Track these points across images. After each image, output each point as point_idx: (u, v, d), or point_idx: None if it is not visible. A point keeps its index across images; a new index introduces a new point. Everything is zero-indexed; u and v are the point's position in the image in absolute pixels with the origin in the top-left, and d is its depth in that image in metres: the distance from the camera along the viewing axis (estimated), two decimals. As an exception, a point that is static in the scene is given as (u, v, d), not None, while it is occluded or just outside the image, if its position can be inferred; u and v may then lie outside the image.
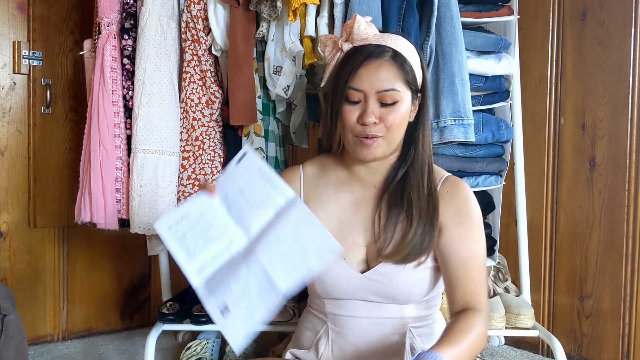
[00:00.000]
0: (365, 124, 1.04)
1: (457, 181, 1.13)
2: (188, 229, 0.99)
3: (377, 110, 1.04)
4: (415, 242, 1.05)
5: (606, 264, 1.75)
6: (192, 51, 1.59)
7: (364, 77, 1.05)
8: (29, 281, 1.92)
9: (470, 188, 1.13)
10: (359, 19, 1.12)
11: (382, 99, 1.05)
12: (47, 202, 1.92)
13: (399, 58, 1.06)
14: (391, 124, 1.04)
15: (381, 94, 1.04)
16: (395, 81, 1.05)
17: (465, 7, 1.59)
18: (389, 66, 1.05)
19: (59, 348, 1.93)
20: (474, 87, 1.54)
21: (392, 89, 1.04)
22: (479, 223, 1.10)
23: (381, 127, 1.05)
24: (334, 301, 1.11)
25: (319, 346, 1.12)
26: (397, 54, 1.06)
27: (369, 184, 1.14)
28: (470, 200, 1.11)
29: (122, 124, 1.59)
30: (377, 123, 1.04)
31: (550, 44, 1.88)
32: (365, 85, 1.05)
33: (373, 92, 1.04)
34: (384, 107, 1.05)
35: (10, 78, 1.87)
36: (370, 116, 1.04)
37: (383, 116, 1.04)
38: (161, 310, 1.70)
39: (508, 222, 1.88)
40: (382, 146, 1.06)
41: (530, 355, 1.88)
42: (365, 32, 1.12)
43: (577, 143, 1.83)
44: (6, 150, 1.87)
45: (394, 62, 1.06)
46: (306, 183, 1.17)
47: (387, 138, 1.06)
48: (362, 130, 1.05)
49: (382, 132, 1.05)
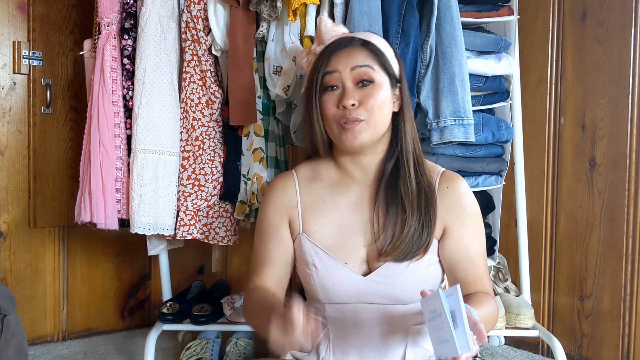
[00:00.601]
0: (345, 106, 1.04)
1: (454, 176, 1.14)
2: None
3: (356, 93, 1.05)
4: (412, 235, 1.05)
5: (606, 264, 1.75)
6: (192, 51, 1.59)
7: (337, 61, 1.07)
8: (29, 281, 1.92)
9: (466, 182, 1.14)
10: (324, 18, 1.15)
11: (358, 77, 1.06)
12: (47, 202, 1.92)
13: (370, 45, 1.09)
14: (372, 105, 1.05)
15: (355, 70, 1.06)
16: (369, 61, 1.07)
17: (465, 7, 1.59)
18: (361, 49, 1.08)
19: (58, 348, 1.93)
20: (474, 87, 1.54)
21: (366, 64, 1.06)
22: (479, 218, 1.12)
23: (362, 109, 1.05)
24: (335, 305, 1.10)
25: (319, 350, 1.12)
26: (367, 42, 1.09)
27: (364, 184, 1.13)
28: (470, 196, 1.12)
29: (122, 124, 1.59)
30: (356, 105, 1.05)
31: (550, 44, 1.88)
32: (340, 66, 1.06)
33: (347, 70, 1.06)
34: (361, 88, 1.06)
35: (10, 78, 1.87)
36: (349, 98, 1.04)
37: (362, 99, 1.05)
38: (161, 310, 1.70)
39: (508, 222, 1.88)
40: (366, 130, 1.05)
41: (530, 355, 1.88)
42: (334, 29, 1.17)
43: (577, 143, 1.83)
44: (6, 150, 1.87)
45: (365, 47, 1.08)
46: (302, 189, 1.15)
47: (370, 122, 1.05)
48: (342, 114, 1.05)
49: (363, 115, 1.05)
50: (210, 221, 1.64)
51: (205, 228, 1.64)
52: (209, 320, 1.67)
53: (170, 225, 1.58)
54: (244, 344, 1.74)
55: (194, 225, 1.60)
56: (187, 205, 1.59)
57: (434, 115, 1.46)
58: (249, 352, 1.74)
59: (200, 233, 1.62)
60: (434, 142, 1.47)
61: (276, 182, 1.18)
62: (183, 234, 1.59)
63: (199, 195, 1.60)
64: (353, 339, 1.10)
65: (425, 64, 1.46)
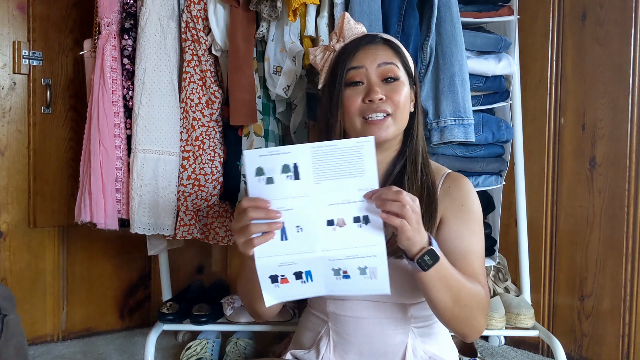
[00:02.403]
0: (373, 100, 1.05)
1: (458, 176, 1.14)
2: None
3: (382, 88, 1.07)
4: None
5: (606, 264, 1.75)
6: (192, 51, 1.59)
7: (363, 57, 1.08)
8: (29, 281, 1.92)
9: (471, 183, 1.14)
10: (347, 15, 1.16)
11: (384, 74, 1.07)
12: (47, 202, 1.92)
13: (392, 43, 1.12)
14: (398, 100, 1.06)
15: (382, 67, 1.07)
16: (393, 59, 1.09)
17: (465, 7, 1.59)
18: (385, 47, 1.10)
19: (58, 348, 1.93)
20: (474, 87, 1.54)
21: (392, 62, 1.08)
22: (478, 218, 1.11)
23: (389, 103, 1.06)
24: (336, 301, 1.11)
25: (319, 346, 1.12)
26: (389, 41, 1.12)
27: None
28: (472, 195, 1.12)
29: (122, 124, 1.59)
30: (383, 99, 1.06)
31: (550, 44, 1.88)
32: (366, 62, 1.08)
33: (374, 66, 1.07)
34: (387, 84, 1.07)
35: (10, 78, 1.87)
36: (377, 92, 1.05)
37: (388, 94, 1.06)
38: (161, 310, 1.70)
39: (508, 222, 1.88)
40: (392, 125, 1.07)
41: (530, 355, 1.88)
42: (355, 27, 1.18)
43: (577, 143, 1.83)
44: (6, 150, 1.87)
45: (388, 45, 1.11)
46: None
47: (397, 117, 1.07)
48: (368, 107, 1.06)
49: (391, 108, 1.06)
50: (210, 221, 1.64)
51: (205, 228, 1.64)
52: (209, 320, 1.67)
53: (170, 225, 1.58)
54: (244, 344, 1.74)
55: (194, 225, 1.60)
56: (187, 205, 1.59)
57: (434, 115, 1.46)
58: (249, 352, 1.74)
59: (200, 233, 1.63)
60: (434, 142, 1.47)
61: None
62: (183, 234, 1.59)
63: (199, 195, 1.60)
64: (353, 337, 1.10)
65: (426, 64, 1.46)
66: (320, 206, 0.90)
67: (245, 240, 0.90)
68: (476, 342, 1.94)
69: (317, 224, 0.91)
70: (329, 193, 0.90)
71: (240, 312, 1.68)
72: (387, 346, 1.09)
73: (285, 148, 0.89)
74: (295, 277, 0.93)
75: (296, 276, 0.93)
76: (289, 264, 0.92)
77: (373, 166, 0.89)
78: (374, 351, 1.09)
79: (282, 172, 0.89)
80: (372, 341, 1.09)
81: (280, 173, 0.89)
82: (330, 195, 0.90)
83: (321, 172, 0.89)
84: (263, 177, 0.89)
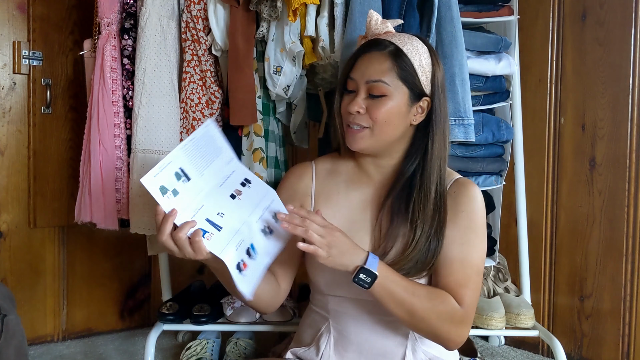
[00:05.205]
0: (349, 112, 1.08)
1: (465, 183, 1.12)
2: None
3: (365, 101, 1.07)
4: (415, 257, 1.04)
5: (606, 264, 1.75)
6: (192, 51, 1.59)
7: (357, 67, 1.09)
8: (29, 281, 1.92)
9: (479, 192, 1.11)
10: (372, 13, 1.16)
11: (370, 90, 1.07)
12: (47, 202, 1.92)
13: (398, 53, 1.07)
14: (376, 116, 1.06)
15: (369, 84, 1.07)
16: (385, 74, 1.06)
17: (466, 7, 1.59)
18: (382, 59, 1.07)
19: (58, 348, 1.93)
20: (474, 87, 1.54)
21: (380, 80, 1.06)
22: (477, 227, 1.08)
23: (366, 117, 1.07)
24: (337, 298, 1.11)
25: (320, 343, 1.12)
26: (397, 50, 1.07)
27: (379, 183, 1.14)
28: (474, 203, 1.09)
29: (122, 124, 1.59)
30: (361, 113, 1.07)
31: (550, 44, 1.88)
32: (357, 75, 1.09)
33: (363, 81, 1.08)
34: (372, 98, 1.07)
35: (10, 78, 1.87)
36: (354, 106, 1.07)
37: (370, 108, 1.07)
38: (161, 310, 1.70)
39: (508, 222, 1.88)
40: (368, 138, 1.08)
41: (530, 355, 1.88)
42: (377, 27, 1.16)
43: (577, 143, 1.83)
44: (6, 150, 1.87)
45: (390, 56, 1.07)
46: (318, 180, 1.18)
47: (375, 131, 1.07)
48: (348, 116, 1.09)
49: (367, 122, 1.07)
50: (210, 221, 1.63)
51: (205, 228, 1.64)
52: (209, 320, 1.67)
53: (170, 225, 1.58)
54: (244, 344, 1.74)
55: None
56: (187, 205, 1.59)
57: (434, 115, 1.45)
58: (249, 352, 1.74)
59: (200, 233, 1.62)
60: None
61: (293, 169, 1.22)
62: (183, 234, 1.58)
63: (199, 195, 1.60)
64: (354, 335, 1.10)
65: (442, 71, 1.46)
66: (217, 190, 1.00)
67: (192, 250, 0.93)
68: (476, 342, 1.94)
69: (226, 202, 1.00)
70: (214, 177, 1.01)
71: (240, 312, 1.68)
72: (387, 346, 1.09)
73: (167, 158, 0.95)
74: (248, 256, 0.98)
75: (248, 255, 0.98)
76: (240, 242, 0.98)
77: (224, 142, 1.07)
78: (374, 351, 1.09)
79: (177, 180, 0.95)
80: (372, 340, 1.09)
81: (177, 181, 0.95)
82: (215, 179, 1.01)
83: (199, 165, 0.99)
84: (169, 193, 0.94)
